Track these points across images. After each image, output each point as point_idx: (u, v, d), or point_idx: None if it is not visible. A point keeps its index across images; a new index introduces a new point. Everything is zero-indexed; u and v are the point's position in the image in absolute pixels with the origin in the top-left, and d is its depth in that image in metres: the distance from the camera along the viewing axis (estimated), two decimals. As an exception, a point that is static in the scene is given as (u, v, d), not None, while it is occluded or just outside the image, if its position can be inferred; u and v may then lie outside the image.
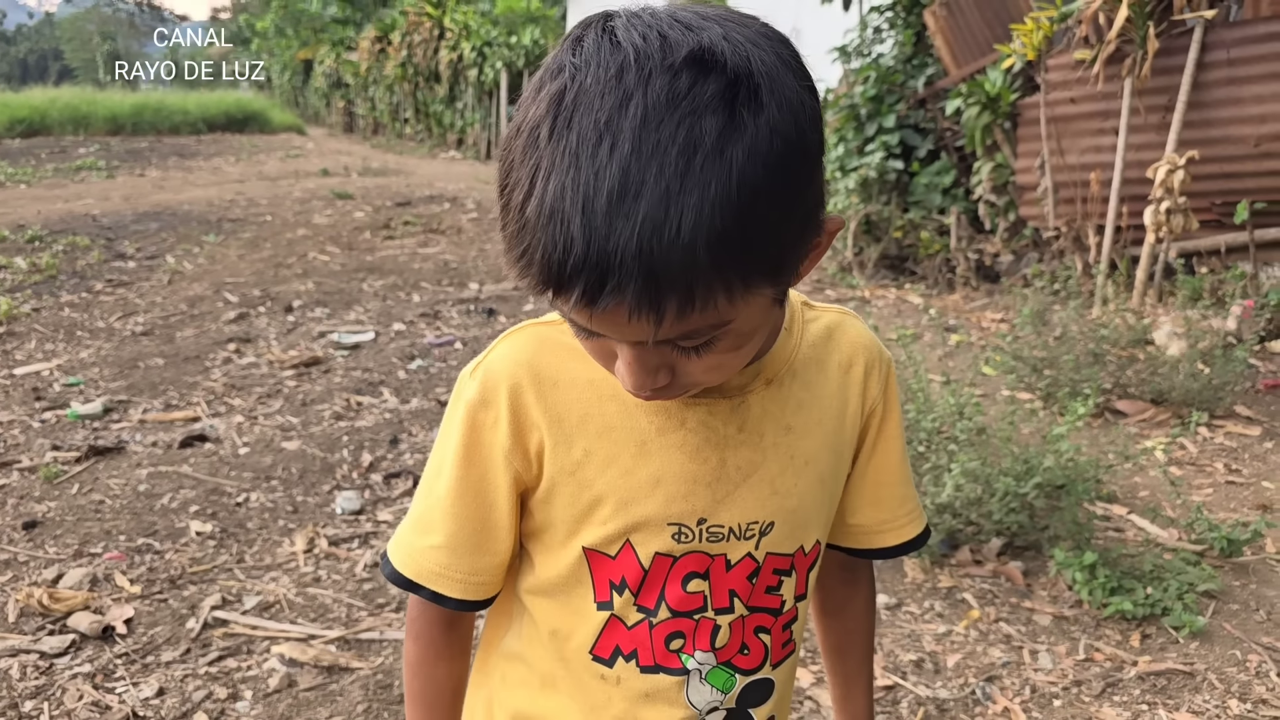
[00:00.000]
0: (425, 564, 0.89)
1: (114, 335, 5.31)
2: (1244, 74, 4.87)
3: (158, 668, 2.33)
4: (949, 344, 5.14)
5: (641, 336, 0.66)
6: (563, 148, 0.61)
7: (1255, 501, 3.22)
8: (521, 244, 0.64)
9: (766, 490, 0.87)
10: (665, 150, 0.60)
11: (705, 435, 0.85)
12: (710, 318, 0.66)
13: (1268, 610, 2.57)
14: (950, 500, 2.69)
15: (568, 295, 0.63)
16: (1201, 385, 3.93)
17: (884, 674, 2.32)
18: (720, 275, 0.63)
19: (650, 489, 0.84)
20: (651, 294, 0.61)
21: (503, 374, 0.85)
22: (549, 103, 0.63)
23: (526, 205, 0.63)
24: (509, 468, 0.86)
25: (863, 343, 0.95)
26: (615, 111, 0.61)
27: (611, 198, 0.60)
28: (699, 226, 0.60)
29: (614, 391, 0.85)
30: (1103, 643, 2.44)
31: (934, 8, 7.08)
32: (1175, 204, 4.80)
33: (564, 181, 0.61)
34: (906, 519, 1.00)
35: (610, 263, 0.60)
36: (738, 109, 0.62)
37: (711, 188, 0.60)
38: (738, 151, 0.61)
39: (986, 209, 6.64)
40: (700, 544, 0.86)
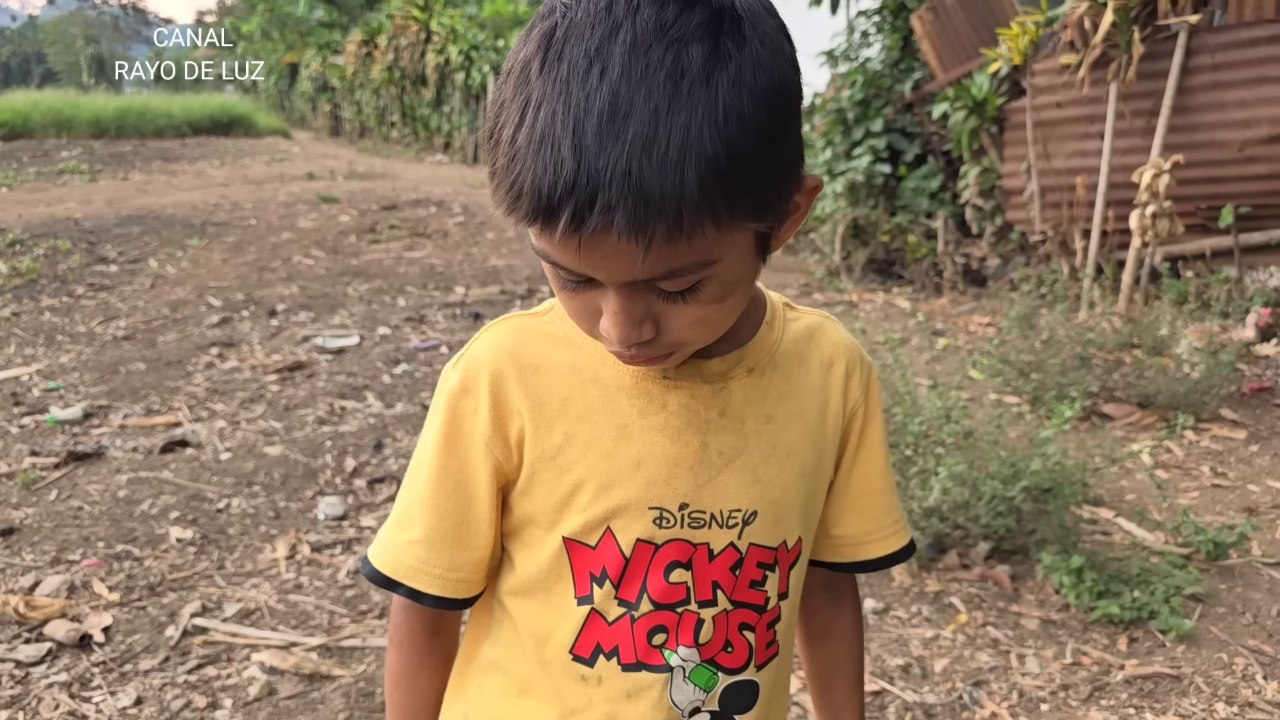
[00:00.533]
0: (404, 559, 0.87)
1: (95, 340, 5.26)
2: (1228, 79, 4.89)
3: (136, 676, 2.30)
4: (936, 348, 5.14)
5: (629, 267, 0.66)
6: (553, 77, 0.63)
7: (1241, 504, 3.22)
8: (511, 174, 0.64)
9: (749, 477, 0.86)
10: (654, 74, 0.62)
11: (687, 418, 0.85)
12: (697, 250, 0.66)
13: (1254, 613, 2.56)
14: (937, 504, 2.68)
15: (556, 220, 0.63)
16: (1188, 389, 3.94)
17: (871, 679, 2.30)
18: (707, 199, 0.63)
19: (631, 471, 0.84)
20: (641, 214, 0.62)
21: (484, 361, 0.85)
22: (539, 40, 0.65)
23: (517, 136, 0.64)
24: (489, 456, 0.85)
25: (844, 344, 0.95)
26: (605, 40, 0.63)
27: (601, 118, 0.61)
28: (687, 147, 0.61)
29: (595, 376, 0.85)
30: (1090, 646, 2.42)
31: (921, 12, 7.09)
32: (1160, 208, 4.81)
33: (554, 108, 0.62)
34: (892, 529, 0.98)
35: (600, 180, 0.61)
36: (722, 39, 0.64)
37: (699, 110, 0.62)
38: (723, 79, 0.63)
39: (973, 213, 6.65)
40: (682, 530, 0.85)
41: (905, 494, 2.78)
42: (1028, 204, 6.07)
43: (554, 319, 0.88)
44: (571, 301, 0.76)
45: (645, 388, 0.85)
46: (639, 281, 0.69)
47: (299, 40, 31.74)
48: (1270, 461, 3.57)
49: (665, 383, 0.85)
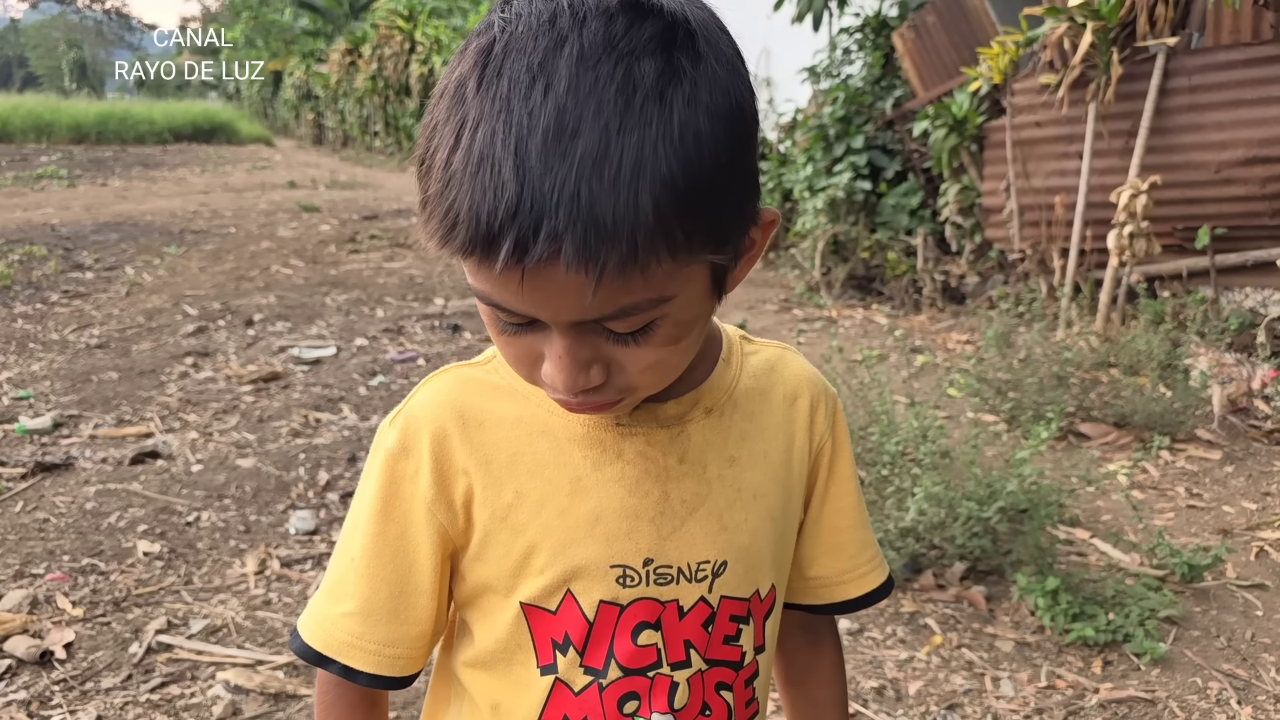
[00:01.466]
0: (336, 633, 0.80)
1: (68, 348, 5.20)
2: (1205, 101, 4.92)
3: (97, 695, 2.25)
4: (914, 365, 5.14)
5: (576, 304, 0.61)
6: (492, 95, 0.58)
7: (1216, 526, 3.22)
8: (445, 201, 0.59)
9: (715, 525, 0.81)
10: (603, 89, 0.57)
11: (644, 467, 0.79)
12: (651, 284, 0.61)
13: (1228, 637, 2.56)
14: (913, 524, 2.66)
15: (497, 250, 0.57)
16: (1163, 409, 3.95)
17: (845, 702, 2.28)
18: (663, 225, 0.58)
19: (589, 529, 0.78)
20: (591, 241, 0.56)
21: (424, 419, 0.79)
22: (476, 56, 0.60)
23: (452, 159, 0.58)
24: (432, 522, 0.79)
25: (807, 376, 0.91)
26: (549, 53, 0.58)
27: (547, 136, 0.56)
28: (641, 167, 0.56)
29: (544, 427, 0.80)
30: (1065, 669, 2.41)
31: (902, 30, 7.12)
32: (1138, 228, 4.83)
33: (493, 127, 0.57)
34: (868, 566, 0.94)
35: (546, 204, 0.55)
36: (675, 55, 0.59)
37: (653, 127, 0.57)
38: (678, 97, 0.58)
39: (953, 231, 6.67)
40: (648, 588, 0.79)
41: (881, 513, 2.77)
42: (1007, 222, 6.09)
43: (497, 368, 0.83)
44: (511, 347, 0.70)
45: (598, 437, 0.79)
46: (586, 322, 0.64)
47: (283, 48, 31.65)
48: (1245, 483, 3.58)
49: (619, 430, 0.80)
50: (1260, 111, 4.69)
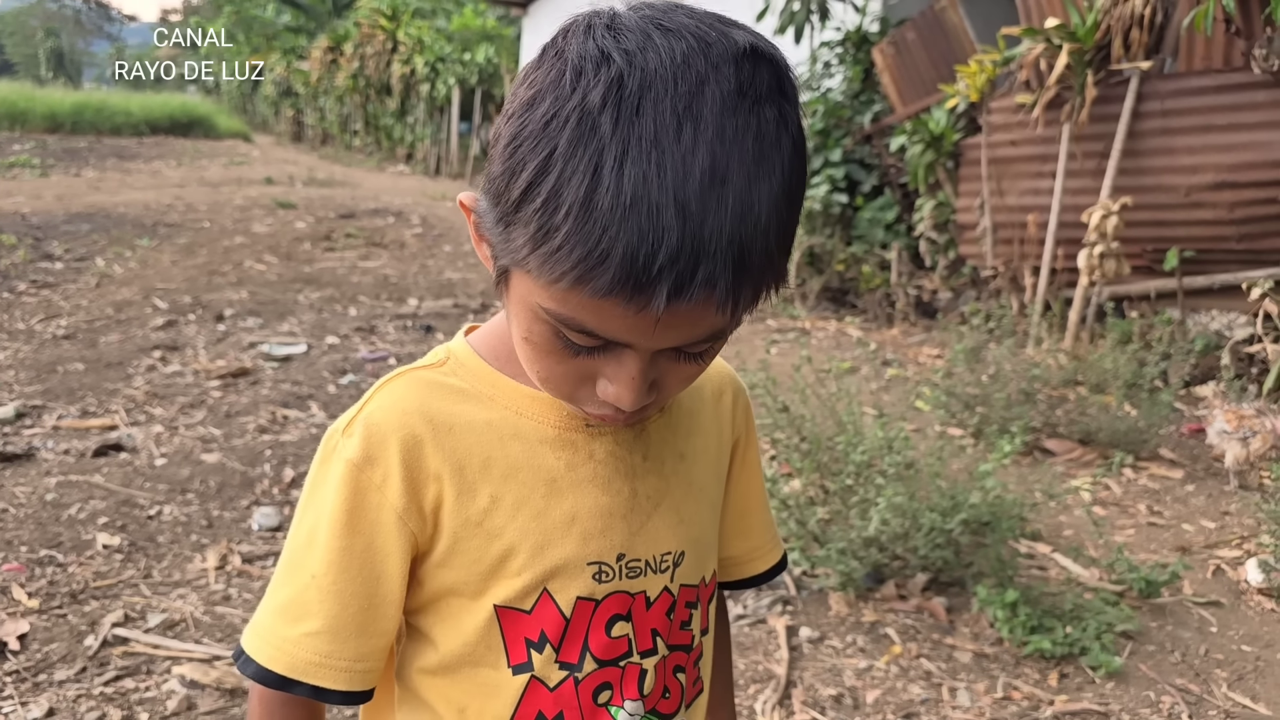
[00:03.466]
0: (301, 655, 0.77)
1: (34, 338, 5.14)
2: (1177, 125, 4.99)
3: (50, 687, 2.23)
4: (885, 378, 5.17)
5: (690, 334, 0.65)
6: (637, 134, 0.58)
7: (1175, 543, 3.26)
8: (589, 241, 0.58)
9: (674, 518, 0.85)
10: (742, 138, 0.59)
11: (615, 466, 0.82)
12: (749, 312, 0.66)
13: (1182, 652, 2.59)
14: (877, 534, 2.68)
15: (650, 291, 0.59)
16: (1128, 427, 3.99)
17: (803, 708, 2.29)
18: (774, 266, 0.63)
19: (566, 528, 0.80)
20: (737, 282, 0.60)
21: (389, 425, 0.77)
22: (605, 89, 0.59)
23: (594, 198, 0.58)
24: (403, 531, 0.77)
25: (727, 373, 0.96)
26: (692, 97, 0.59)
27: (704, 182, 0.58)
28: (772, 215, 0.61)
29: (514, 430, 0.80)
30: (1021, 681, 2.43)
31: (882, 46, 7.18)
32: (1108, 248, 4.89)
33: (645, 169, 0.57)
34: (771, 544, 1.02)
35: (705, 248, 0.58)
36: (783, 103, 0.63)
37: (776, 176, 0.61)
38: (787, 144, 0.62)
39: (927, 246, 6.72)
40: (621, 581, 0.82)
41: (845, 523, 2.78)
42: (980, 239, 6.15)
43: (455, 369, 0.83)
44: (562, 366, 0.70)
45: (569, 439, 0.81)
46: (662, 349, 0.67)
47: (264, 44, 31.46)
48: (1205, 501, 3.63)
49: (589, 431, 0.82)
50: (1230, 137, 4.76)
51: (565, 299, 0.63)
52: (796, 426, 3.09)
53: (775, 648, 2.54)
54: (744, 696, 2.34)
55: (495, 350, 0.83)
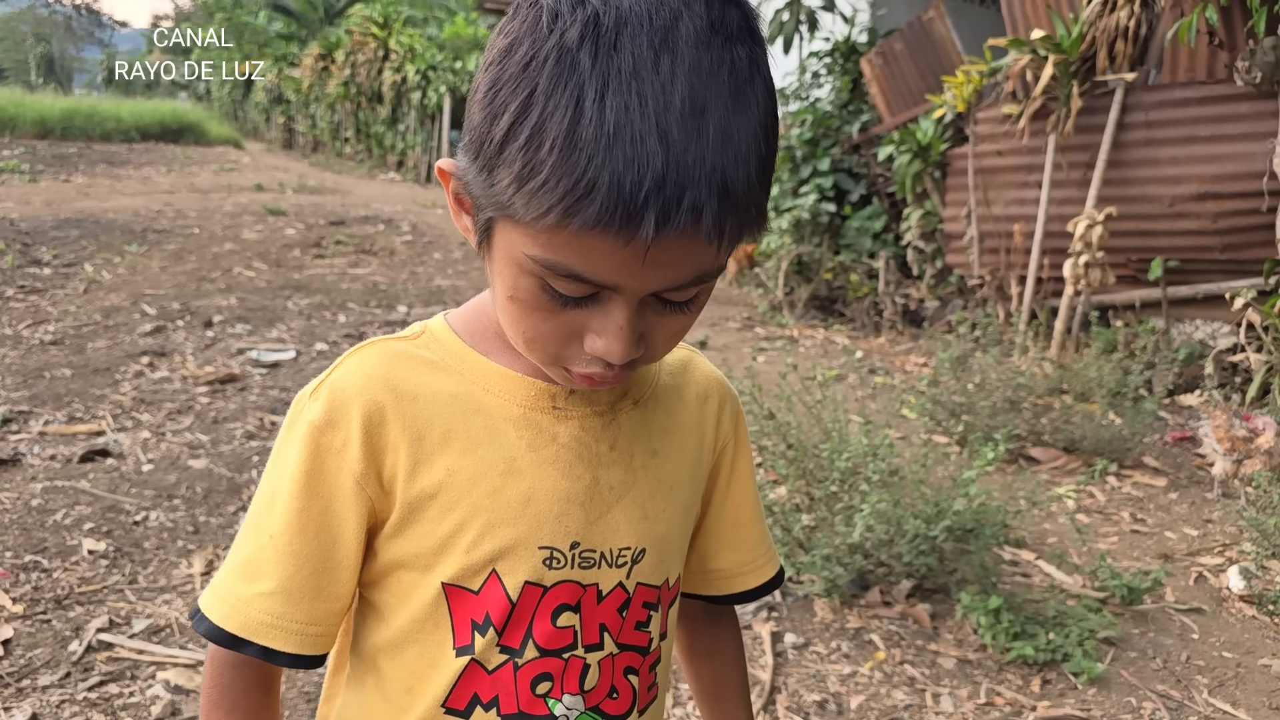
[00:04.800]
0: (253, 614, 0.77)
1: (21, 343, 5.12)
2: (1161, 136, 5.03)
3: (33, 692, 2.22)
4: (871, 386, 5.19)
5: (679, 273, 0.65)
6: (616, 67, 0.59)
7: (1158, 551, 3.28)
8: (574, 171, 0.59)
9: (638, 513, 0.83)
10: (718, 71, 0.61)
11: (578, 451, 0.81)
12: (728, 253, 0.66)
13: (1164, 658, 2.61)
14: (861, 540, 2.69)
15: (638, 220, 0.59)
16: (1112, 435, 4.02)
17: (786, 714, 2.30)
18: (756, 201, 0.64)
19: (520, 509, 0.79)
20: (722, 213, 0.61)
21: (353, 390, 0.78)
22: (583, 27, 0.60)
23: (577, 130, 0.58)
24: (360, 496, 0.77)
25: (715, 378, 0.94)
26: (667, 31, 0.60)
27: (685, 111, 0.58)
28: (751, 147, 0.62)
29: (479, 405, 0.80)
30: (1004, 687, 2.45)
31: (870, 56, 7.23)
32: (1093, 258, 4.93)
33: (626, 99, 0.58)
34: (765, 558, 0.99)
35: (690, 176, 0.59)
36: (753, 44, 0.64)
37: (753, 111, 0.62)
38: (760, 83, 0.63)
39: (915, 255, 6.76)
40: (572, 570, 0.80)
41: (830, 529, 2.79)
42: (967, 248, 6.18)
43: (427, 344, 0.82)
44: (549, 323, 0.70)
45: (534, 419, 0.80)
46: (650, 293, 0.67)
47: (256, 51, 31.45)
48: (1188, 509, 3.65)
49: (555, 413, 0.81)
50: (1213, 148, 4.80)
51: (552, 241, 0.63)
52: (783, 433, 3.11)
53: (760, 654, 2.55)
54: (728, 702, 2.35)
55: (470, 327, 0.83)
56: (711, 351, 5.93)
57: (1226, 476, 3.69)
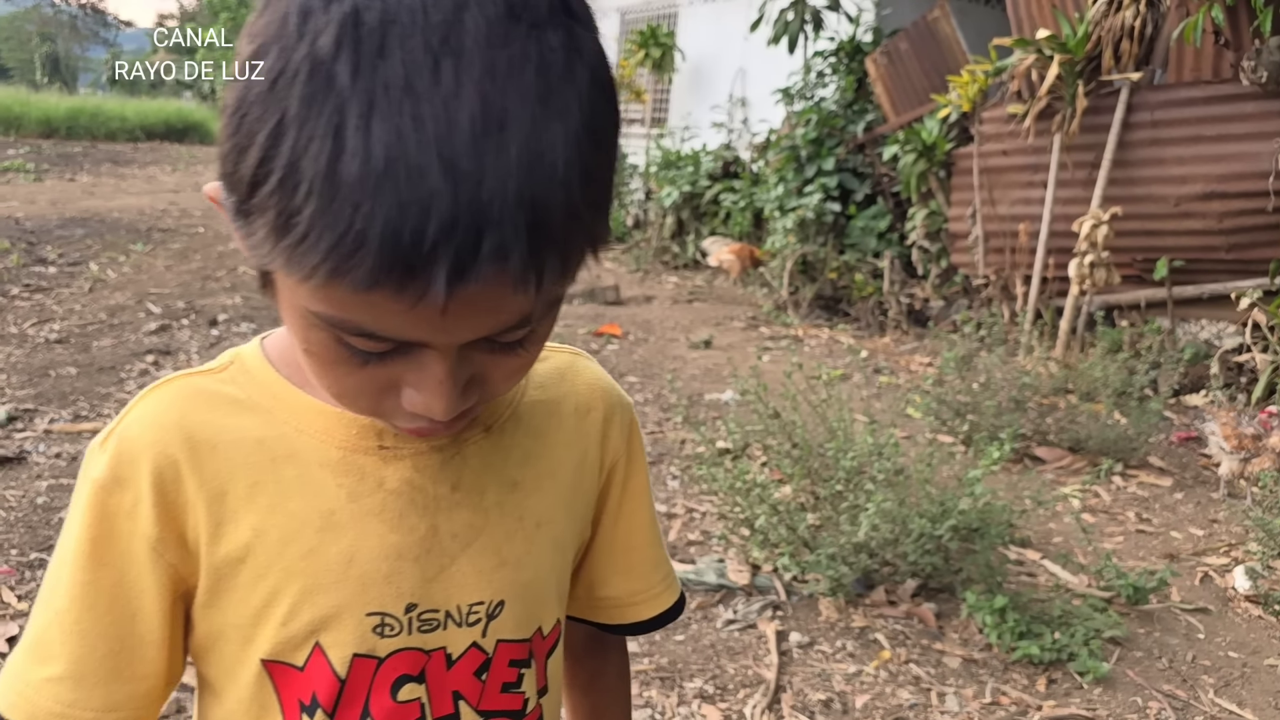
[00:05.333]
0: (41, 702, 0.65)
1: (26, 342, 5.13)
2: (1166, 135, 5.03)
3: (39, 689, 2.23)
4: (876, 385, 5.19)
5: (494, 321, 0.53)
6: (383, 81, 0.46)
7: (1163, 551, 3.28)
8: (338, 225, 0.46)
9: (492, 560, 0.71)
10: (521, 71, 0.48)
11: (410, 497, 0.68)
12: (564, 284, 0.54)
13: (1169, 658, 2.60)
14: (866, 539, 2.69)
15: (425, 276, 0.47)
16: (1117, 435, 4.02)
17: (792, 713, 2.30)
18: (590, 224, 0.52)
19: (341, 571, 0.67)
20: (536, 249, 0.48)
21: (142, 442, 0.65)
22: (339, 29, 0.47)
23: (338, 168, 0.45)
24: (159, 563, 0.65)
25: (601, 386, 0.81)
26: (449, 27, 0.47)
27: (475, 130, 0.46)
28: (572, 161, 0.49)
29: (290, 450, 0.67)
30: (1009, 686, 2.45)
31: (875, 56, 7.23)
32: (1099, 258, 4.93)
33: (398, 123, 0.45)
34: (662, 585, 0.87)
35: (488, 214, 0.46)
36: (572, 24, 0.51)
37: (572, 115, 0.49)
38: (583, 74, 0.51)
39: (919, 255, 6.75)
40: (411, 636, 0.68)
41: (835, 529, 2.79)
42: (972, 248, 6.18)
43: (233, 378, 0.69)
44: (352, 378, 0.57)
45: (356, 463, 0.67)
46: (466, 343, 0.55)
47: (260, 50, 31.46)
48: (1193, 509, 3.65)
49: (382, 454, 0.68)
50: (1219, 148, 4.80)
51: (329, 297, 0.51)
52: (787, 433, 3.10)
53: (765, 653, 2.55)
54: (733, 701, 2.35)
55: (286, 355, 0.70)
56: (716, 351, 5.93)
57: (1232, 476, 3.69)
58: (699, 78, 10.79)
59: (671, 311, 7.21)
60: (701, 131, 10.17)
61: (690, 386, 5.01)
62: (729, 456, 3.32)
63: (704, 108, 10.31)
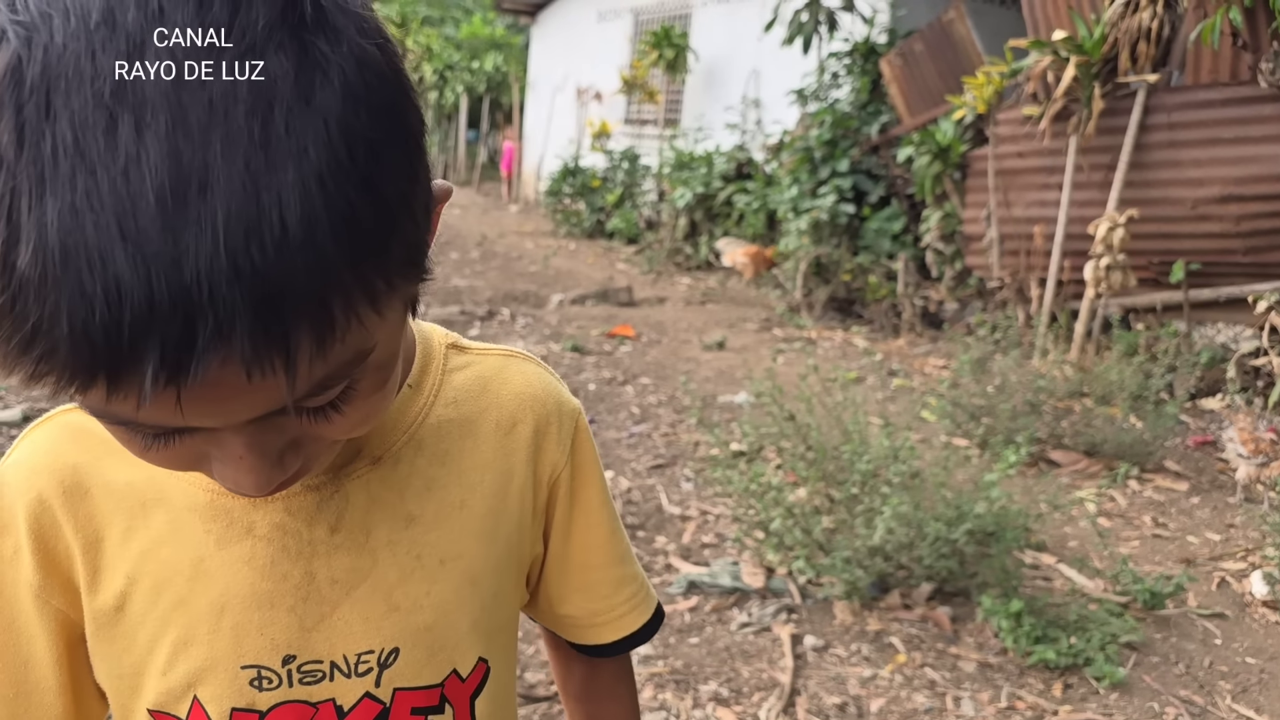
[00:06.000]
0: None
1: (44, 341, 5.17)
2: (1183, 138, 5.00)
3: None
4: (890, 388, 5.18)
5: (260, 401, 0.45)
6: (50, 148, 0.38)
7: (1180, 555, 3.26)
8: (22, 327, 0.39)
9: (380, 606, 0.65)
10: (227, 114, 0.39)
11: (282, 543, 0.63)
12: (350, 345, 0.45)
13: (1186, 664, 2.59)
14: (881, 543, 2.69)
15: (132, 377, 0.39)
16: (1133, 439, 4.00)
17: (806, 716, 2.30)
18: (359, 278, 0.43)
19: (213, 622, 0.63)
20: (272, 330, 0.40)
21: (18, 487, 0.63)
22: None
23: (12, 260, 0.38)
24: (45, 609, 0.63)
25: (532, 394, 0.73)
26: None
27: (164, 200, 0.38)
28: (311, 212, 0.39)
29: (159, 494, 0.63)
30: (1025, 691, 2.44)
31: (890, 57, 7.21)
32: (1115, 261, 4.91)
33: (71, 199, 0.38)
34: (626, 606, 0.80)
35: (195, 299, 0.38)
36: (308, 39, 0.41)
37: (310, 154, 0.40)
38: (328, 97, 0.41)
39: (934, 257, 6.74)
40: (292, 689, 0.64)
41: (851, 532, 2.79)
42: (987, 250, 6.16)
43: None
44: (151, 453, 0.50)
45: (224, 507, 0.63)
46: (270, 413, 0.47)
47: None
48: (1210, 514, 3.63)
49: (251, 498, 0.61)
50: (1236, 150, 4.78)
51: (91, 397, 0.43)
52: (802, 435, 3.10)
53: (780, 655, 2.55)
54: (748, 704, 2.35)
55: None
56: (729, 353, 5.93)
57: (1249, 481, 3.67)
58: (712, 78, 10.79)
59: (685, 313, 7.21)
60: (715, 132, 10.16)
61: (704, 388, 5.01)
62: (743, 459, 3.31)
63: (717, 108, 10.31)
